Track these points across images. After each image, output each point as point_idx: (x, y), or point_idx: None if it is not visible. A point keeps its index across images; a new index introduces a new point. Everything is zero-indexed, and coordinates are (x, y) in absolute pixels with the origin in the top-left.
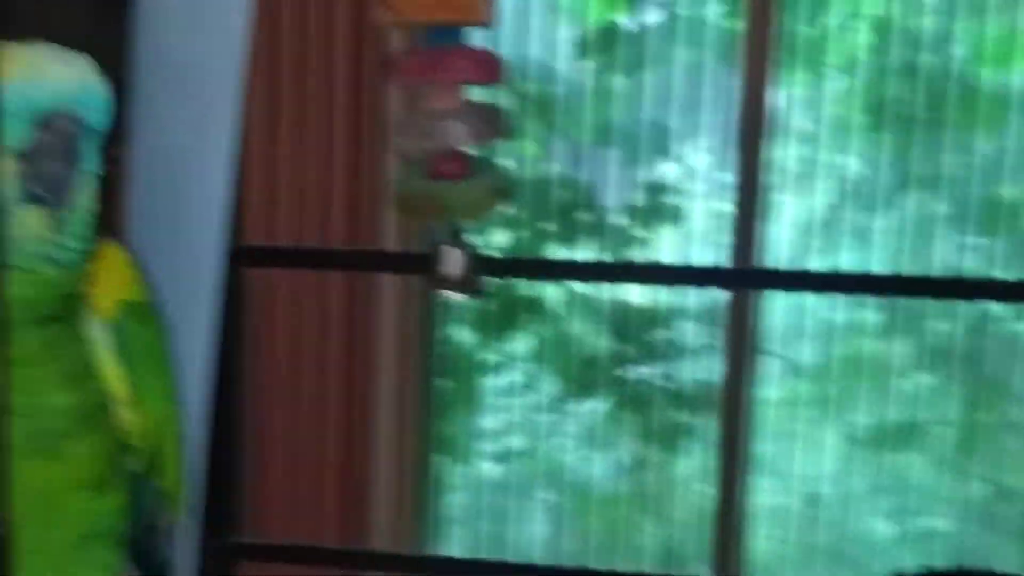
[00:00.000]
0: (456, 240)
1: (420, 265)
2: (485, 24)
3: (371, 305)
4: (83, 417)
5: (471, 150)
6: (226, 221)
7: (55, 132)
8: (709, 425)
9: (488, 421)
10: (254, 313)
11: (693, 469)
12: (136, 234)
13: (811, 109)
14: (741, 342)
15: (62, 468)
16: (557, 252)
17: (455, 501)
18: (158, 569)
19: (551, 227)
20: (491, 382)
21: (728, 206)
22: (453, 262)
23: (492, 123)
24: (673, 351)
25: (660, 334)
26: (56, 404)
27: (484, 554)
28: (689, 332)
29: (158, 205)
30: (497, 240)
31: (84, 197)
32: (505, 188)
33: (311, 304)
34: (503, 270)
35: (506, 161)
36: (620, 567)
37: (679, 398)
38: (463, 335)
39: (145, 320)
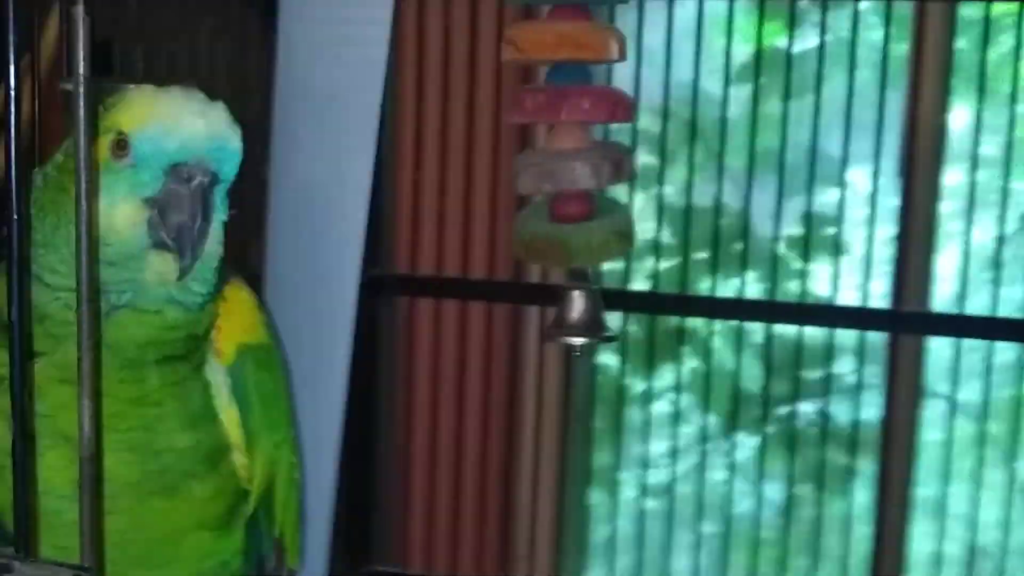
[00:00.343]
0: (582, 283)
1: None
2: (613, 61)
3: (517, 334)
4: (204, 458)
5: (595, 192)
6: (362, 252)
7: (185, 183)
8: (869, 465)
9: (637, 453)
10: (398, 342)
11: (851, 510)
12: (276, 264)
13: (984, 134)
14: (900, 381)
15: (184, 508)
16: (711, 282)
17: (601, 534)
18: None
19: (705, 256)
20: (640, 413)
21: (891, 235)
22: (577, 307)
23: (617, 164)
24: (832, 387)
25: (818, 370)
26: (177, 444)
27: None
28: (848, 368)
29: (297, 235)
30: (649, 268)
31: (211, 243)
32: (628, 231)
33: (454, 333)
34: (655, 307)
35: (665, 187)
36: None
37: (837, 436)
38: (612, 364)
39: (263, 364)
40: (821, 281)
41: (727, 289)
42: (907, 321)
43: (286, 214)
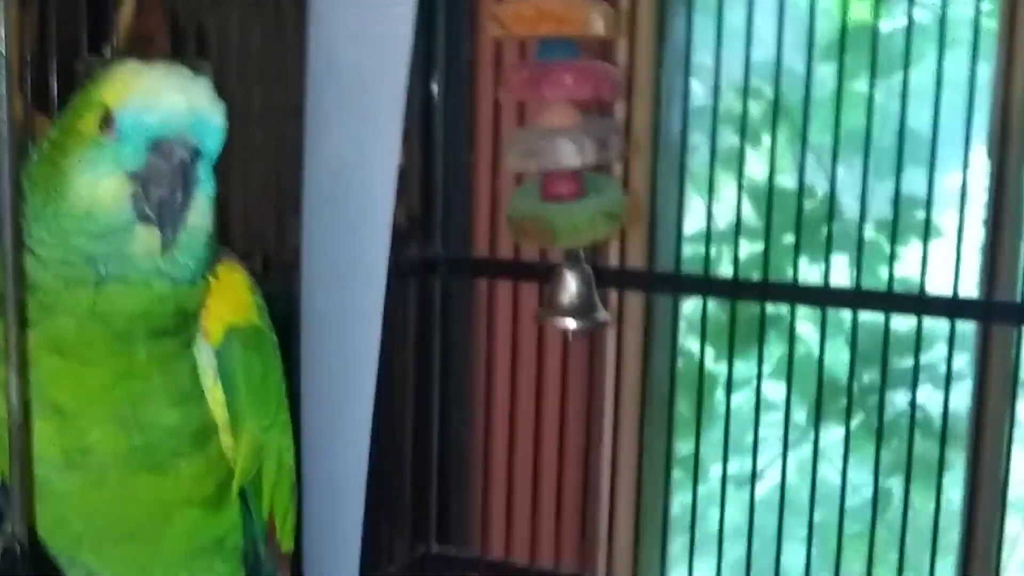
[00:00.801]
0: (574, 264)
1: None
2: (601, 37)
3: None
4: (191, 437)
5: (584, 171)
6: (389, 232)
7: (167, 157)
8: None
9: (719, 441)
10: (476, 325)
11: (941, 504)
12: (307, 246)
13: None
14: (990, 372)
15: (172, 484)
16: (796, 266)
17: (681, 523)
18: None
19: (791, 239)
20: (724, 401)
21: (982, 219)
22: (569, 288)
23: (602, 141)
24: (924, 377)
25: (909, 359)
26: (164, 421)
27: None
28: (939, 357)
29: (327, 217)
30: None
31: (198, 217)
32: (617, 211)
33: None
34: (738, 293)
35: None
36: None
37: (928, 428)
38: (699, 350)
39: (251, 346)
40: (911, 265)
41: (813, 273)
42: (999, 310)
43: (318, 195)
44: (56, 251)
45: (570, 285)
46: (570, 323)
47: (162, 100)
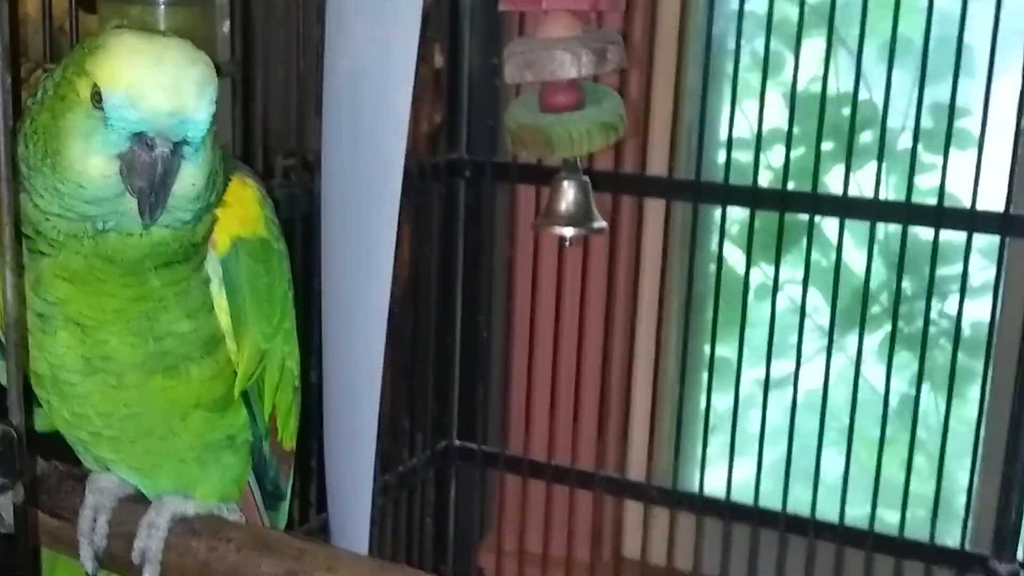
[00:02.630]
0: (572, 173)
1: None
2: None
3: (635, 224)
4: (201, 344)
5: (582, 81)
6: (406, 136)
7: (146, 151)
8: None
9: (754, 348)
10: (500, 227)
11: (966, 414)
12: (327, 147)
13: None
14: (1009, 285)
15: (184, 387)
16: (837, 174)
17: (721, 428)
18: (272, 494)
19: (831, 148)
20: (758, 308)
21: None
22: (567, 197)
23: (601, 52)
24: (954, 288)
25: (940, 269)
26: (176, 330)
27: (741, 486)
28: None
29: (346, 118)
30: (775, 160)
31: (185, 186)
32: (614, 122)
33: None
34: (769, 202)
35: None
36: (880, 513)
37: (955, 338)
38: (732, 256)
39: (257, 257)
40: (953, 177)
41: (853, 183)
42: (1019, 224)
43: (338, 96)
44: (53, 207)
45: (567, 194)
46: (566, 231)
47: (145, 99)
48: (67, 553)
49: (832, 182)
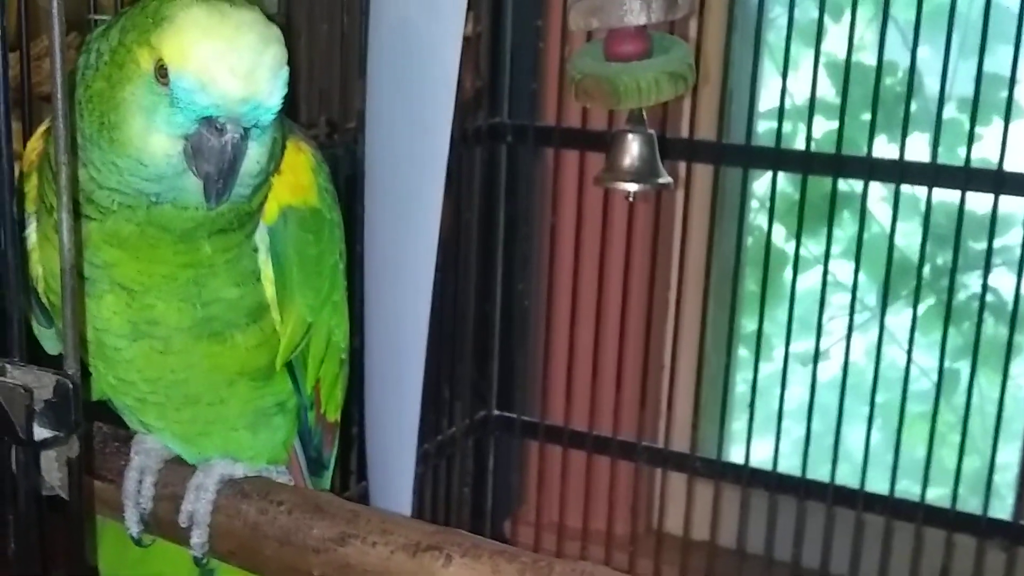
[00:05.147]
0: (637, 126)
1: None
2: None
3: (679, 191)
4: (247, 312)
5: (649, 30)
6: (453, 96)
7: (216, 136)
8: None
9: (795, 322)
10: (542, 193)
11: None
12: (371, 109)
13: None
14: None
15: (230, 354)
16: (880, 143)
17: (743, 400)
18: (316, 461)
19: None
20: (801, 280)
21: None
22: (631, 151)
23: (675, 1)
24: (998, 260)
25: (983, 241)
26: (224, 296)
27: (783, 460)
28: (1017, 242)
29: (391, 81)
30: (816, 130)
31: (251, 164)
32: (683, 72)
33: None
34: (822, 167)
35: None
36: (929, 490)
37: (999, 312)
38: (773, 228)
39: (306, 226)
40: (991, 146)
41: (891, 152)
42: None
43: (383, 58)
44: (109, 180)
45: (632, 148)
46: (631, 186)
47: (218, 83)
48: (111, 516)
49: (879, 153)
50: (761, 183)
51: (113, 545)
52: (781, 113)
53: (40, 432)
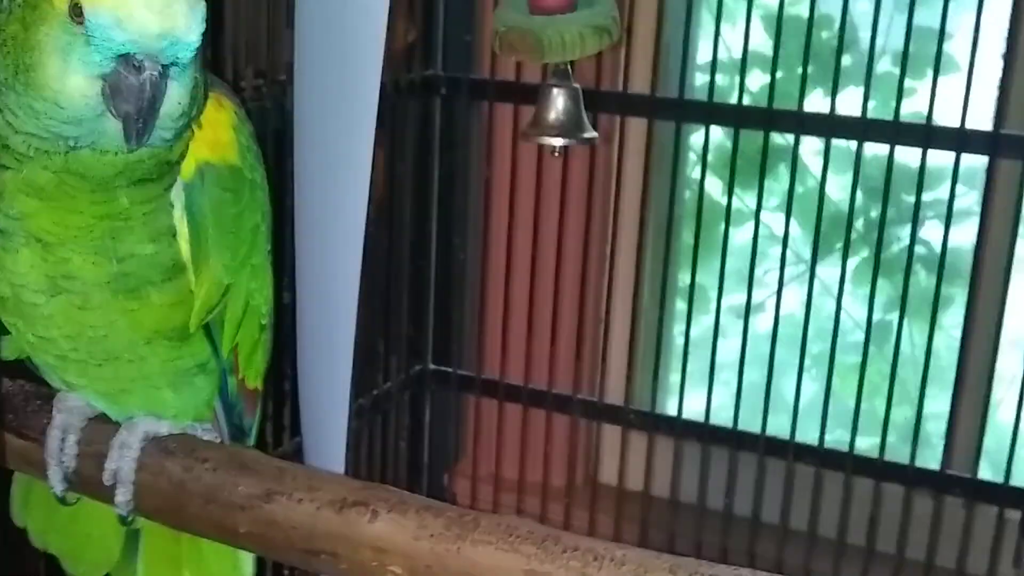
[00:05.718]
0: (563, 81)
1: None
2: None
3: (613, 146)
4: (163, 269)
5: None
6: (382, 49)
7: (134, 74)
8: (962, 296)
9: (730, 274)
10: (476, 146)
11: (940, 341)
12: (300, 61)
13: None
14: (997, 208)
15: (147, 312)
16: (816, 98)
17: (676, 354)
18: (238, 428)
19: (810, 71)
20: (736, 233)
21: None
22: (557, 106)
23: None
24: (929, 214)
25: (914, 194)
26: (142, 252)
27: (717, 412)
28: (945, 194)
29: (319, 31)
30: (752, 83)
31: (171, 106)
32: (608, 25)
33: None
34: (754, 121)
35: None
36: (858, 441)
37: (931, 264)
38: (709, 183)
39: (224, 185)
40: (922, 100)
41: (823, 106)
42: (1007, 143)
43: (311, 9)
44: (27, 125)
45: (557, 102)
46: (556, 140)
47: (134, 18)
48: (34, 475)
49: (812, 107)
50: (697, 136)
51: (40, 505)
52: (714, 66)
53: None
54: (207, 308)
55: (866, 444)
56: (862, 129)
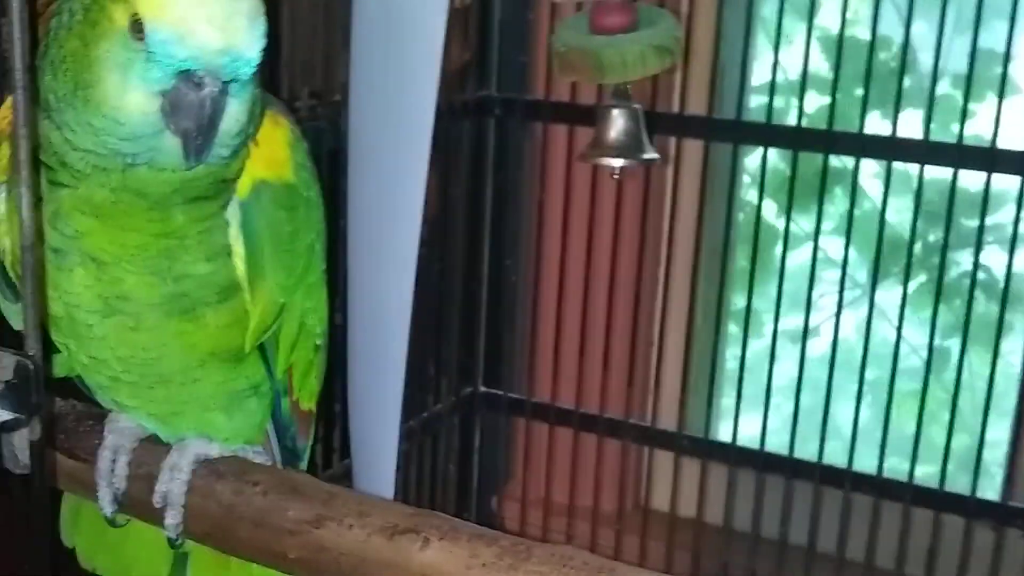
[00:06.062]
0: (622, 101)
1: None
2: None
3: (668, 167)
4: (219, 289)
5: (634, 2)
6: (439, 70)
7: (194, 90)
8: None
9: (784, 296)
10: (530, 168)
11: (999, 368)
12: (355, 82)
13: None
14: None
15: (201, 333)
16: (874, 120)
17: (731, 376)
18: (291, 450)
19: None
20: (791, 255)
21: None
22: (616, 126)
23: None
24: (991, 238)
25: (975, 218)
26: (194, 272)
27: (768, 436)
28: (1009, 219)
29: (375, 53)
30: (808, 105)
31: (230, 123)
32: (670, 45)
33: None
34: (813, 143)
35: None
36: (917, 467)
37: (991, 290)
38: (764, 204)
39: (280, 203)
40: (985, 123)
41: (884, 129)
42: None
43: (367, 30)
44: (84, 141)
45: (617, 123)
46: (616, 161)
47: (195, 34)
48: (84, 495)
49: (868, 129)
50: (752, 158)
51: (89, 526)
52: (772, 88)
53: (0, 415)
54: (262, 328)
55: (922, 473)
56: (924, 152)
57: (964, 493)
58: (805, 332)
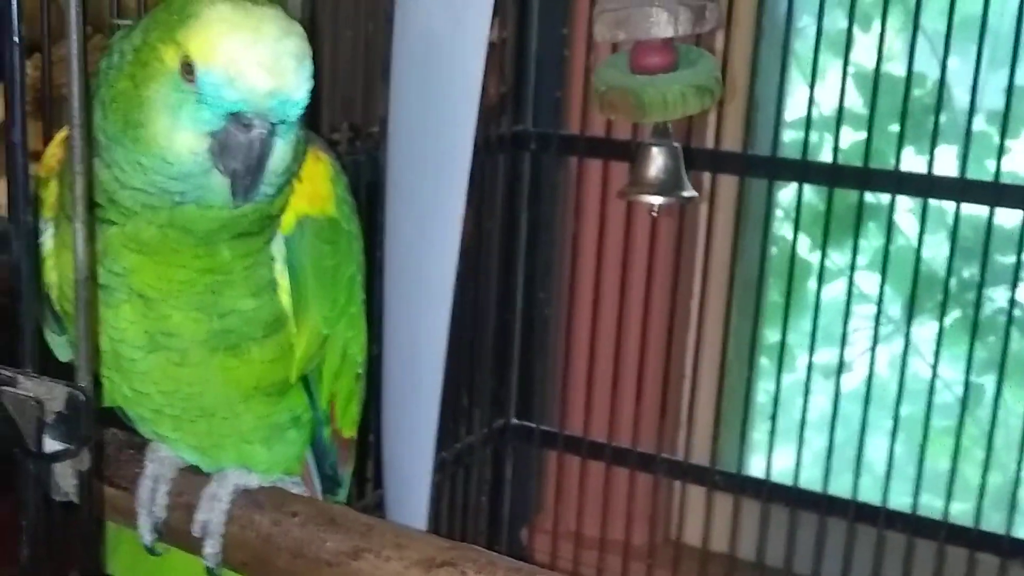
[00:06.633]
0: (662, 139)
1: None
2: None
3: (703, 202)
4: (264, 324)
5: (676, 42)
6: (477, 105)
7: (243, 131)
8: None
9: (809, 331)
10: (565, 202)
11: None
12: (394, 116)
13: None
14: None
15: (246, 368)
16: (908, 155)
17: (764, 412)
18: (331, 479)
19: (898, 129)
20: (825, 290)
21: None
22: (656, 164)
23: (698, 11)
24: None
25: (1011, 255)
26: (240, 307)
27: (801, 471)
28: None
29: (415, 87)
30: (842, 141)
31: (277, 162)
32: (710, 85)
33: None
34: (849, 180)
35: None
36: (951, 504)
37: None
38: (798, 239)
39: (323, 237)
40: (1021, 159)
41: (918, 165)
42: None
43: (407, 65)
44: (134, 180)
45: (657, 161)
46: (655, 199)
47: (245, 77)
48: (125, 524)
49: (907, 165)
50: (787, 192)
51: (128, 554)
52: (808, 124)
53: (51, 444)
54: (307, 359)
55: (956, 510)
56: (960, 189)
57: (999, 532)
58: (840, 367)
